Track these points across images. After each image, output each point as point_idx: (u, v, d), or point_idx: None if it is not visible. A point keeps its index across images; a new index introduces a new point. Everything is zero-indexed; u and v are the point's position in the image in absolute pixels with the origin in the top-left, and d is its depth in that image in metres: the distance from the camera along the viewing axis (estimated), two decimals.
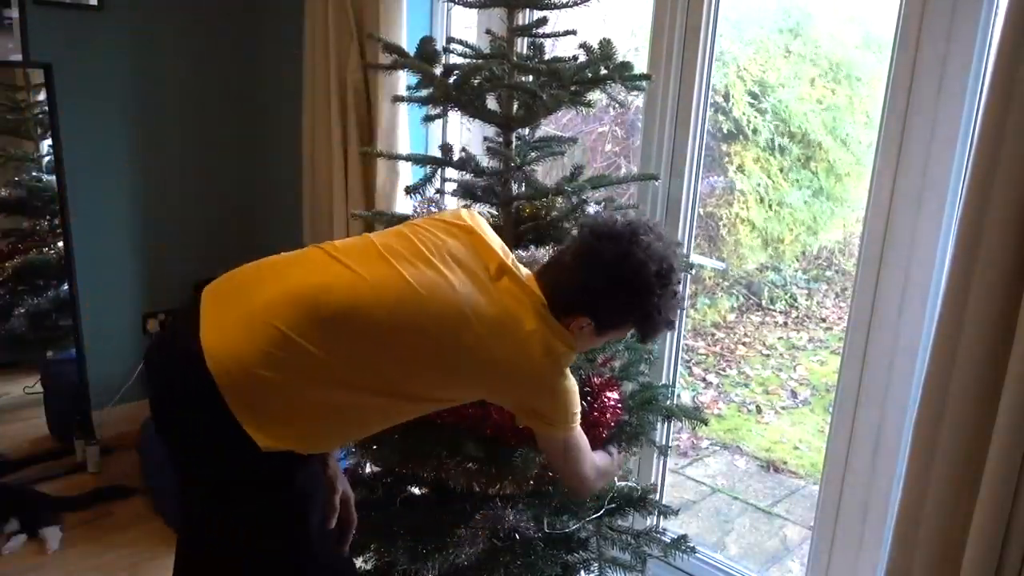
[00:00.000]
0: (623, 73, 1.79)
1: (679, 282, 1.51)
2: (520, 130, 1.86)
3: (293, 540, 1.45)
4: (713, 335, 4.56)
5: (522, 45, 1.95)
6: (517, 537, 1.70)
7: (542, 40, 1.86)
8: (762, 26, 4.17)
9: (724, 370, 4.35)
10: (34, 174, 2.94)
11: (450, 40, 1.90)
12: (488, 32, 1.90)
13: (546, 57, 1.87)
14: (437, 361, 1.39)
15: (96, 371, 3.12)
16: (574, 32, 1.85)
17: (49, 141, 2.89)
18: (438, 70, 1.79)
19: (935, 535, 1.55)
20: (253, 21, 3.30)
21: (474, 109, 1.81)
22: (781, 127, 4.19)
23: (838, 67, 4.17)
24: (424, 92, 1.81)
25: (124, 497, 2.87)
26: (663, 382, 2.25)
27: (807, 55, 4.20)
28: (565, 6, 1.78)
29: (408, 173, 2.65)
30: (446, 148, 1.85)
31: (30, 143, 2.94)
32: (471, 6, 1.88)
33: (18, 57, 2.77)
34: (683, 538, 1.91)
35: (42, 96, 2.86)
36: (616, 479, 1.91)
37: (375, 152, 2.07)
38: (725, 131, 4.17)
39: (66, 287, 3.01)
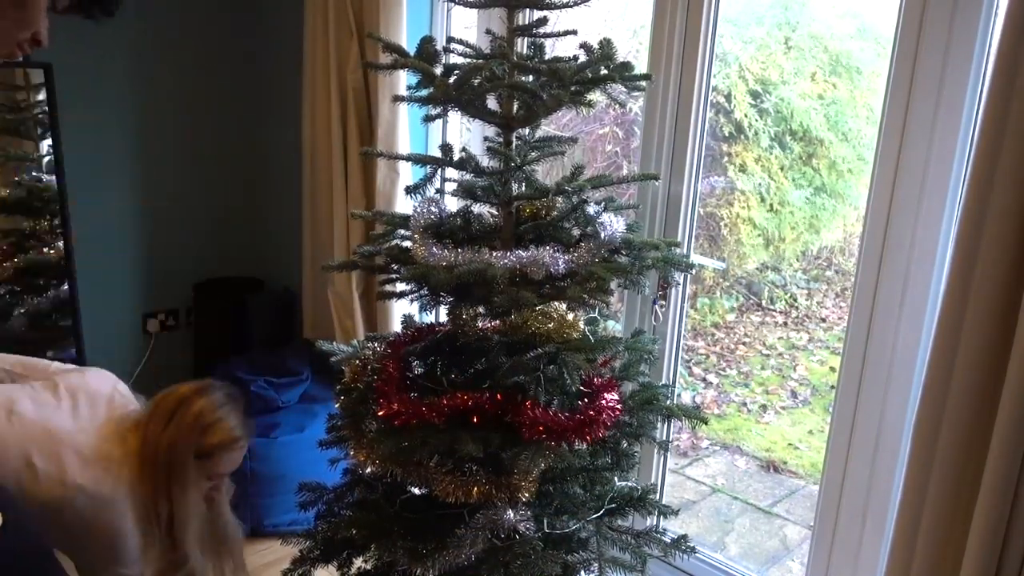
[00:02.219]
0: (623, 73, 1.79)
1: None
2: (520, 130, 1.86)
3: None
4: (713, 335, 4.56)
5: (522, 45, 1.95)
6: (517, 537, 1.70)
7: (542, 40, 1.86)
8: (761, 23, 4.17)
9: (724, 370, 4.35)
10: (34, 174, 2.94)
11: (450, 40, 1.90)
12: (488, 32, 1.90)
13: (546, 57, 1.87)
14: None
15: None
16: (574, 32, 1.85)
17: (49, 141, 2.89)
18: (438, 70, 1.79)
19: (935, 535, 1.55)
20: (253, 21, 3.30)
21: (474, 109, 1.81)
22: (783, 125, 4.19)
23: (837, 59, 4.17)
24: (424, 92, 1.80)
25: None
26: (663, 382, 2.25)
27: (806, 47, 4.20)
28: (565, 6, 1.78)
29: (408, 173, 2.65)
30: (446, 148, 1.85)
31: (30, 143, 2.93)
32: (471, 6, 1.88)
33: (18, 57, 2.77)
34: (683, 538, 1.91)
35: (42, 96, 2.86)
36: (617, 479, 1.91)
37: (375, 152, 2.07)
38: (726, 133, 4.17)
39: (66, 287, 3.01)
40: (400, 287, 1.84)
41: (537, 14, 1.83)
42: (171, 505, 1.56)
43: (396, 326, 2.39)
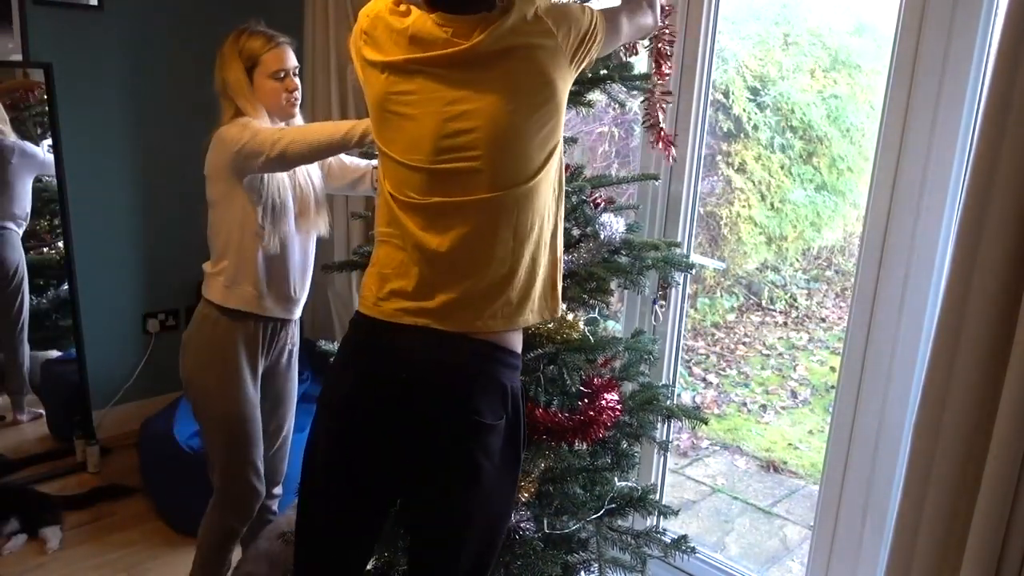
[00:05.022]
0: (623, 73, 1.79)
1: None
2: None
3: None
4: (713, 335, 4.56)
5: None
6: (517, 537, 1.70)
7: None
8: (759, 18, 4.16)
9: (724, 370, 4.35)
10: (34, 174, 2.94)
11: None
12: None
13: None
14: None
15: (96, 371, 3.12)
16: None
17: (49, 141, 2.89)
18: None
19: (935, 535, 1.55)
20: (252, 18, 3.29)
21: None
22: (782, 122, 4.19)
23: (836, 56, 4.17)
24: None
25: (124, 497, 2.87)
26: (663, 382, 2.25)
27: (804, 44, 4.20)
28: None
29: None
30: None
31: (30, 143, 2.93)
32: None
33: (18, 57, 2.77)
34: (683, 538, 1.91)
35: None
36: (617, 479, 1.90)
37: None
38: (725, 130, 4.17)
39: (66, 287, 3.01)
40: None
41: None
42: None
43: None
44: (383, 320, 1.43)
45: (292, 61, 2.03)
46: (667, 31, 1.83)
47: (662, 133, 1.87)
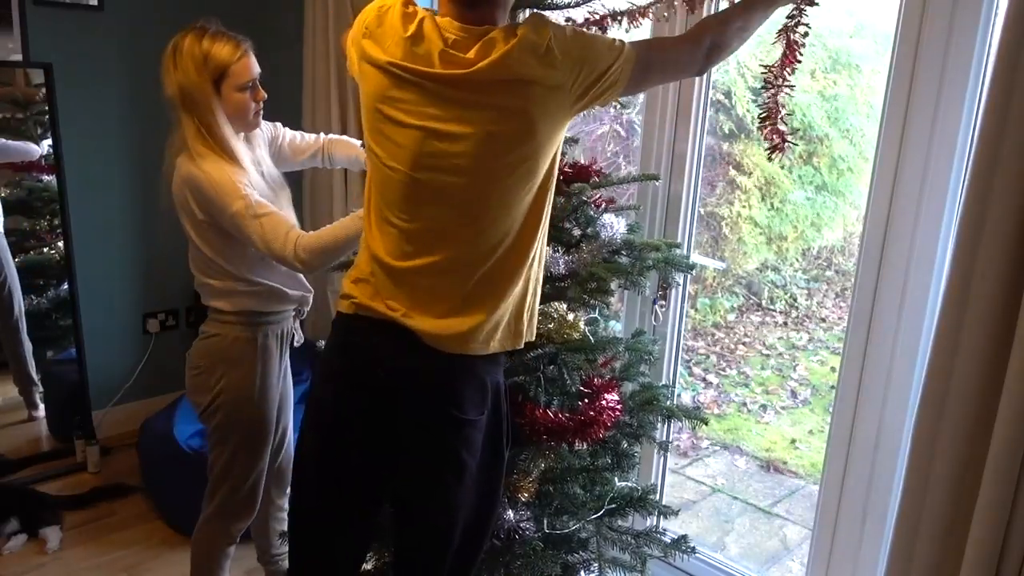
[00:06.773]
0: None
1: None
2: None
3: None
4: (713, 335, 4.56)
5: None
6: (517, 537, 1.70)
7: None
8: None
9: (724, 370, 4.35)
10: (34, 174, 2.94)
11: None
12: None
13: None
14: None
15: (96, 371, 3.12)
16: None
17: (49, 141, 2.89)
18: None
19: (935, 535, 1.55)
20: (253, 20, 3.29)
21: None
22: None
23: (836, 56, 4.16)
24: None
25: (124, 497, 2.87)
26: (663, 382, 2.25)
27: (804, 44, 4.19)
28: (566, 6, 1.78)
29: None
30: None
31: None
32: None
33: (18, 57, 2.77)
34: (683, 538, 1.91)
35: (42, 96, 2.86)
36: (617, 479, 1.91)
37: None
38: (727, 130, 4.17)
39: (66, 287, 3.01)
40: None
41: None
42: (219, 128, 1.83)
43: None
44: (363, 316, 1.46)
45: (257, 67, 1.90)
46: (802, 20, 1.64)
47: (778, 127, 1.74)
